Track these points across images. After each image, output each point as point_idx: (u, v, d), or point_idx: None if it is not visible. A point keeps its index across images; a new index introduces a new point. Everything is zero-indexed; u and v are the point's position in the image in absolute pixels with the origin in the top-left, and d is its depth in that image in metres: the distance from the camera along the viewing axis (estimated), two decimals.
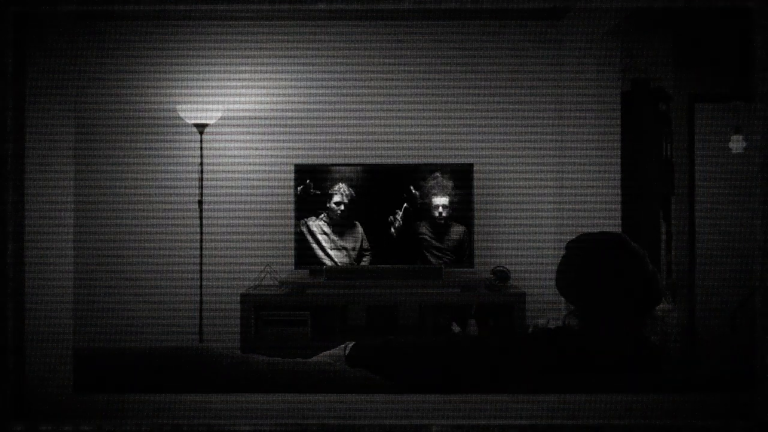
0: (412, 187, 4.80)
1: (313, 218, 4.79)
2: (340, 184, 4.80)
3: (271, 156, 5.10)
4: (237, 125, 5.09)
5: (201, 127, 4.78)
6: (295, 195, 4.78)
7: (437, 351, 1.64)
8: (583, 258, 1.78)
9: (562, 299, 1.84)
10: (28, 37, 1.13)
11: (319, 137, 5.10)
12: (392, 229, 4.78)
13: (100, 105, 5.03)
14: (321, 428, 1.07)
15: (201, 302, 4.90)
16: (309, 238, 4.78)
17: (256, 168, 5.11)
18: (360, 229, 4.78)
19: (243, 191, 5.12)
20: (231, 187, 5.11)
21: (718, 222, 8.08)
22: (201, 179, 4.89)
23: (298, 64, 5.10)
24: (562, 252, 1.86)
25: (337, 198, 4.79)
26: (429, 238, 4.78)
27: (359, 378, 1.59)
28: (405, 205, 4.80)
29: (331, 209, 4.78)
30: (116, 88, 5.04)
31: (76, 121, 1.21)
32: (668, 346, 1.74)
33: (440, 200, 4.79)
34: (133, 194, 5.07)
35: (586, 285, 1.75)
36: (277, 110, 5.12)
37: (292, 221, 4.85)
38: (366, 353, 1.72)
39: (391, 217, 4.79)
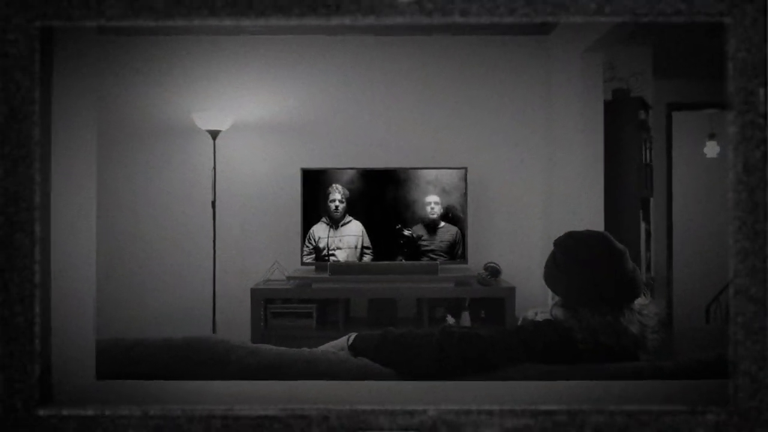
0: (410, 189, 4.80)
1: (321, 223, 4.79)
2: (335, 185, 4.79)
3: (280, 160, 5.10)
4: (248, 131, 5.09)
5: (214, 133, 4.78)
6: (302, 196, 4.78)
7: (433, 341, 1.64)
8: (569, 255, 1.78)
9: (549, 292, 1.84)
10: (53, 49, 1.12)
11: (324, 143, 5.10)
12: (394, 229, 4.78)
13: (122, 113, 5.02)
14: (326, 412, 1.07)
15: (214, 296, 4.90)
16: (314, 237, 4.78)
17: (265, 171, 5.11)
18: (361, 228, 4.78)
19: (253, 193, 5.12)
20: (242, 188, 5.11)
21: (693, 222, 8.08)
22: (214, 181, 4.89)
23: (304, 75, 5.10)
24: (550, 249, 1.86)
25: (337, 198, 4.78)
26: (426, 240, 4.78)
27: (361, 366, 1.59)
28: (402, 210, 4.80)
29: (332, 210, 4.78)
30: (136, 97, 5.04)
31: (99, 128, 1.20)
32: (646, 336, 1.74)
33: (432, 198, 4.79)
34: (151, 195, 5.07)
35: (571, 280, 1.75)
36: (284, 118, 5.12)
37: (299, 220, 4.84)
38: (367, 343, 1.72)
39: (399, 225, 4.78)
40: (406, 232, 4.58)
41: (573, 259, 1.76)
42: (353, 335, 1.78)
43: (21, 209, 1.07)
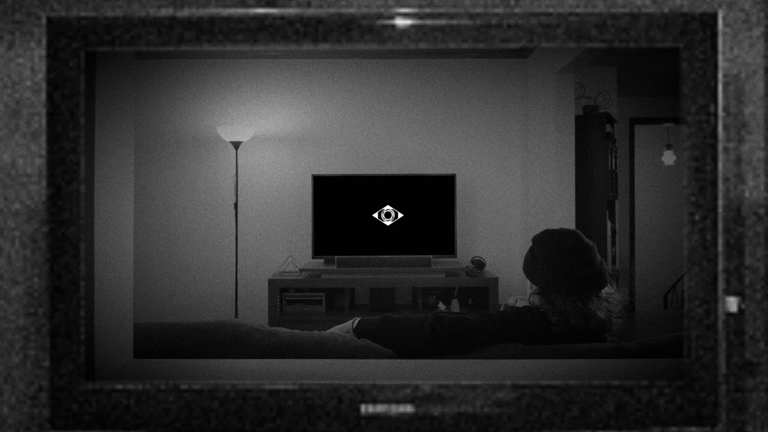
0: (407, 192, 4.79)
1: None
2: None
3: (293, 167, 5.10)
4: (266, 142, 5.09)
5: (236, 144, 4.78)
6: (313, 199, 4.77)
7: (426, 325, 1.64)
8: (545, 249, 1.78)
9: (528, 282, 1.84)
10: (96, 71, 1.12)
11: (332, 153, 5.10)
12: (387, 225, 4.78)
13: (156, 126, 5.02)
14: (333, 387, 1.07)
15: (236, 285, 4.90)
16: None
17: (281, 177, 5.11)
18: (363, 228, 4.78)
19: (270, 196, 5.11)
20: (260, 192, 5.11)
21: (653, 221, 8.08)
22: (236, 186, 4.89)
23: (314, 93, 5.09)
24: (528, 245, 1.85)
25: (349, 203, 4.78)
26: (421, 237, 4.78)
27: (364, 346, 1.59)
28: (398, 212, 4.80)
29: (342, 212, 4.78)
30: (169, 112, 5.04)
31: (136, 140, 1.20)
32: (611, 320, 1.74)
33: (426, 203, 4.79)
34: (181, 198, 5.07)
35: (547, 271, 1.75)
36: (298, 130, 5.12)
37: (310, 220, 4.84)
38: (369, 327, 1.72)
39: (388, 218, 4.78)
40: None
41: (548, 253, 1.76)
42: (357, 319, 1.78)
43: (68, 211, 1.07)
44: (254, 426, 1.03)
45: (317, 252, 4.80)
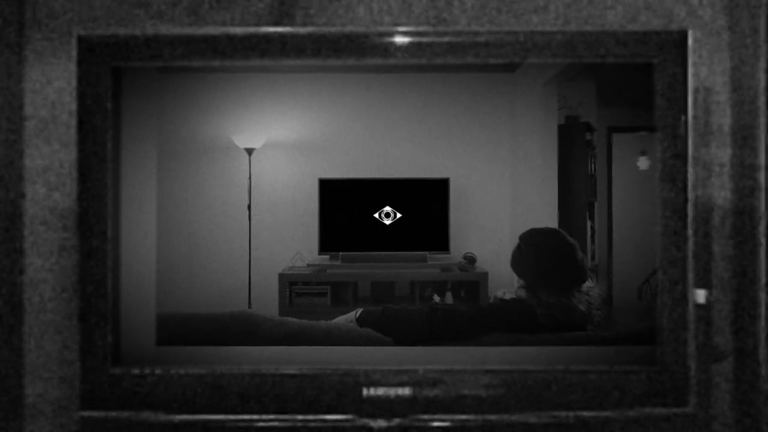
0: (405, 195, 4.80)
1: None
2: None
3: (302, 171, 5.10)
4: (277, 149, 5.09)
5: (250, 151, 4.79)
6: (319, 200, 4.78)
7: (423, 315, 1.64)
8: (531, 246, 1.78)
9: (515, 277, 1.84)
10: (122, 84, 1.12)
11: (337, 158, 5.10)
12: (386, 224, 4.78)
13: (176, 135, 5.02)
14: (338, 372, 1.07)
15: (249, 279, 4.90)
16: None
17: (290, 180, 5.11)
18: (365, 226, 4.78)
19: (280, 198, 5.11)
20: (272, 195, 5.11)
21: (628, 221, 8.06)
22: (249, 189, 4.89)
23: (322, 104, 5.09)
24: (516, 242, 1.86)
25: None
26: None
27: (366, 335, 1.59)
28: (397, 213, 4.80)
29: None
30: (188, 122, 5.03)
31: (158, 147, 1.21)
32: (592, 312, 1.74)
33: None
34: (200, 201, 5.07)
35: (533, 267, 1.75)
36: (306, 137, 5.12)
37: (317, 219, 4.85)
38: (371, 317, 1.72)
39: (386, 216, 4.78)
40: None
41: (534, 250, 1.76)
42: (360, 310, 1.78)
43: (96, 212, 1.07)
44: (267, 407, 1.04)
45: (323, 248, 4.81)
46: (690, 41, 1.06)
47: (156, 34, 1.13)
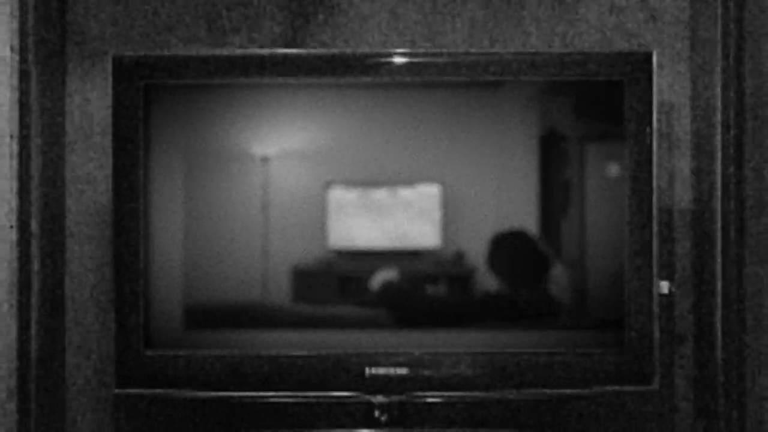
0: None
1: None
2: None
3: (310, 176, 5.11)
4: (289, 156, 5.11)
5: (265, 158, 4.80)
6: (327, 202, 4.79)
7: None
8: (496, 246, 1.77)
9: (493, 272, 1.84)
10: (152, 100, 1.14)
11: (342, 163, 5.11)
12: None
13: (201, 143, 5.02)
14: (346, 354, 1.08)
15: (264, 271, 4.91)
16: None
17: (300, 183, 5.13)
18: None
19: (292, 198, 5.13)
20: (284, 196, 5.13)
21: (599, 220, 8.10)
22: (265, 191, 4.90)
23: (329, 117, 5.11)
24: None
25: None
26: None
27: (370, 320, 1.59)
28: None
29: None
30: (211, 132, 5.04)
31: (185, 153, 1.23)
32: (563, 299, 1.74)
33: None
34: (222, 203, 5.08)
35: (502, 262, 1.74)
36: (314, 146, 5.14)
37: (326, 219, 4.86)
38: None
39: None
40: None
41: (499, 249, 1.75)
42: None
43: (129, 211, 1.08)
44: (281, 385, 1.05)
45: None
46: (654, 61, 1.08)
47: (182, 55, 1.15)
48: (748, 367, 1.02)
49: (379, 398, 1.04)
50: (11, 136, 1.00)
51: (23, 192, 1.02)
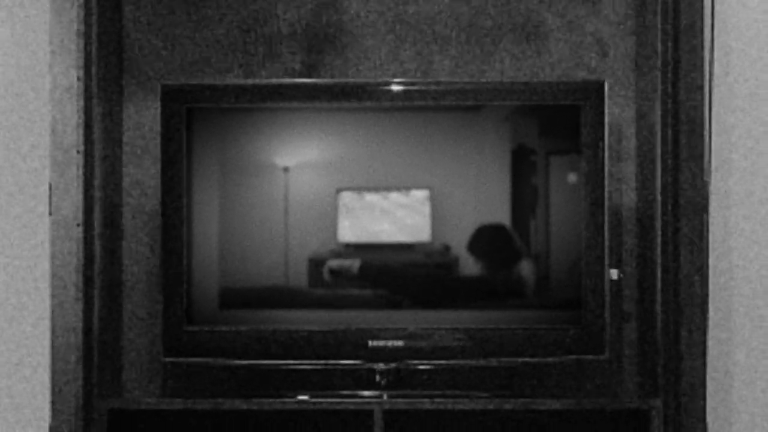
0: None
1: None
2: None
3: (323, 183, 5.11)
4: (306, 167, 5.11)
5: (286, 168, 4.80)
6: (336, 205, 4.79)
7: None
8: (477, 237, 1.77)
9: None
10: (193, 121, 1.15)
11: (350, 172, 5.12)
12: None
13: (234, 155, 5.03)
14: (351, 329, 1.10)
15: (286, 261, 4.91)
16: None
17: (315, 188, 5.13)
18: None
19: (309, 201, 5.13)
20: (301, 200, 5.12)
21: (560, 219, 8.09)
22: (285, 198, 4.91)
23: (336, 133, 5.11)
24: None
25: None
26: None
27: (373, 299, 1.59)
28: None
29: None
30: (241, 146, 5.05)
31: (221, 165, 1.24)
32: (531, 284, 1.74)
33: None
34: (249, 207, 5.08)
35: (487, 247, 1.74)
36: (325, 158, 5.14)
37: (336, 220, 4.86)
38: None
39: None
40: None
41: (479, 240, 1.75)
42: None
43: (174, 211, 1.10)
44: (300, 355, 1.07)
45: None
46: (606, 89, 1.10)
47: (218, 84, 1.18)
48: (683, 338, 1.03)
49: (380, 366, 1.06)
50: (77, 151, 1.02)
51: (87, 197, 1.04)
